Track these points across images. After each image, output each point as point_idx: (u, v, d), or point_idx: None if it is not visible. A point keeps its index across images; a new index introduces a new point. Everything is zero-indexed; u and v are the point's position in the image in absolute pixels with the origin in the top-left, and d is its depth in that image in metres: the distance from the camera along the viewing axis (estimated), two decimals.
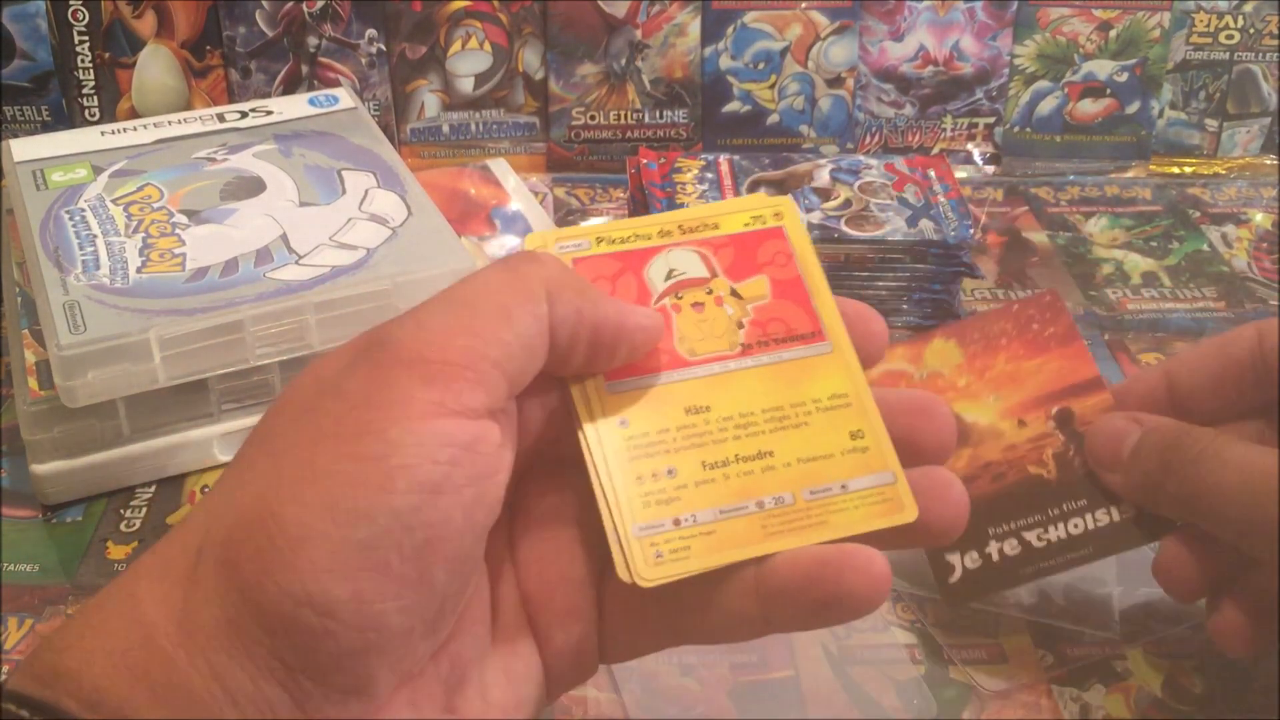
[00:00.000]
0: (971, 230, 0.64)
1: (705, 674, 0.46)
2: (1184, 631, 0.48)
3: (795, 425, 0.35)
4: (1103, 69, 0.79)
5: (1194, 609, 0.47)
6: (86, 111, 0.75)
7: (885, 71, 0.79)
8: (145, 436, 0.54)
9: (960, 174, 0.79)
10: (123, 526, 0.53)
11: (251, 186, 0.60)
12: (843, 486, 0.34)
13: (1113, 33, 0.78)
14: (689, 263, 0.36)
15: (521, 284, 0.31)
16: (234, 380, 0.54)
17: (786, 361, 0.35)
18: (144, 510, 0.54)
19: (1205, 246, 0.73)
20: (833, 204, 0.65)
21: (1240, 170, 0.81)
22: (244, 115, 0.67)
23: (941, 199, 0.66)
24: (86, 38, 0.74)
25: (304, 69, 0.76)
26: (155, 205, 0.58)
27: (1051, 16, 0.78)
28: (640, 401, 0.34)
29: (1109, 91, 0.80)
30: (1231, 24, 0.79)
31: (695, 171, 0.69)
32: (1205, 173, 0.81)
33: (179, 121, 0.66)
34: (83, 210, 0.58)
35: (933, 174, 0.68)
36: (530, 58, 0.77)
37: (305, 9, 0.75)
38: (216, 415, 0.55)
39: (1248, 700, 0.46)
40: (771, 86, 0.78)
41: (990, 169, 0.81)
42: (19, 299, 0.58)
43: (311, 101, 0.68)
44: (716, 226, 0.37)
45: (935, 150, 0.80)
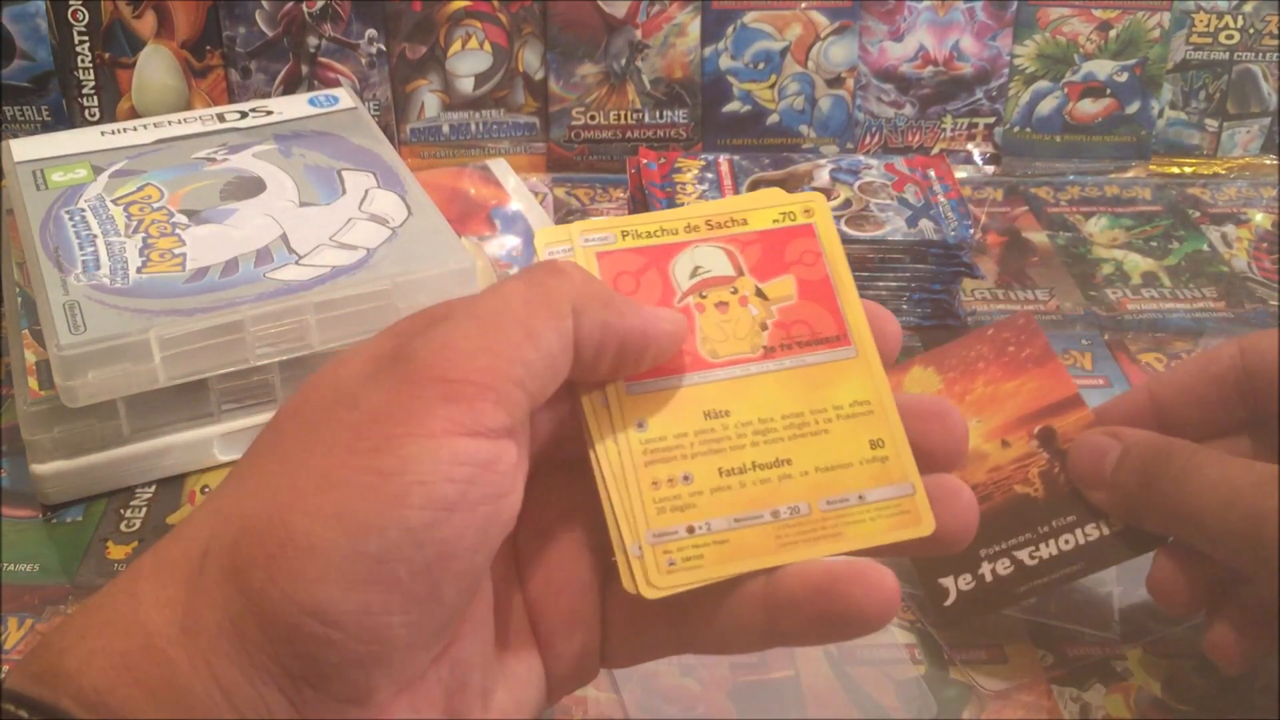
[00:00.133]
0: (971, 230, 0.64)
1: (705, 674, 0.46)
2: (1184, 631, 0.48)
3: (815, 433, 0.34)
4: (1103, 69, 0.79)
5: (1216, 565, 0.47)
6: (86, 111, 0.75)
7: (885, 71, 0.79)
8: (145, 436, 0.54)
9: (960, 174, 0.79)
10: (123, 526, 0.53)
11: (251, 186, 0.60)
12: (860, 497, 0.34)
13: (1113, 33, 0.78)
14: (715, 260, 0.36)
15: (546, 300, 0.30)
16: (234, 380, 0.54)
17: (809, 366, 0.35)
18: (144, 510, 0.54)
19: (1205, 246, 0.73)
20: (833, 204, 0.65)
21: (1240, 170, 0.81)
22: (244, 115, 0.67)
23: (941, 199, 0.66)
24: (86, 38, 0.74)
25: (304, 69, 0.76)
26: (155, 205, 0.58)
27: (1051, 16, 0.78)
28: (659, 404, 0.34)
29: (1109, 91, 0.80)
30: (1231, 24, 0.79)
31: (695, 171, 0.69)
32: (1205, 173, 0.81)
33: (179, 121, 0.66)
34: (83, 210, 0.58)
35: (933, 174, 0.68)
36: (530, 58, 0.77)
37: (305, 9, 0.75)
38: (216, 415, 0.55)
39: (1248, 700, 0.46)
40: (771, 86, 0.78)
41: (990, 169, 0.81)
42: (19, 299, 0.58)
43: (311, 101, 0.68)
44: (745, 222, 0.36)
45: (935, 150, 0.80)
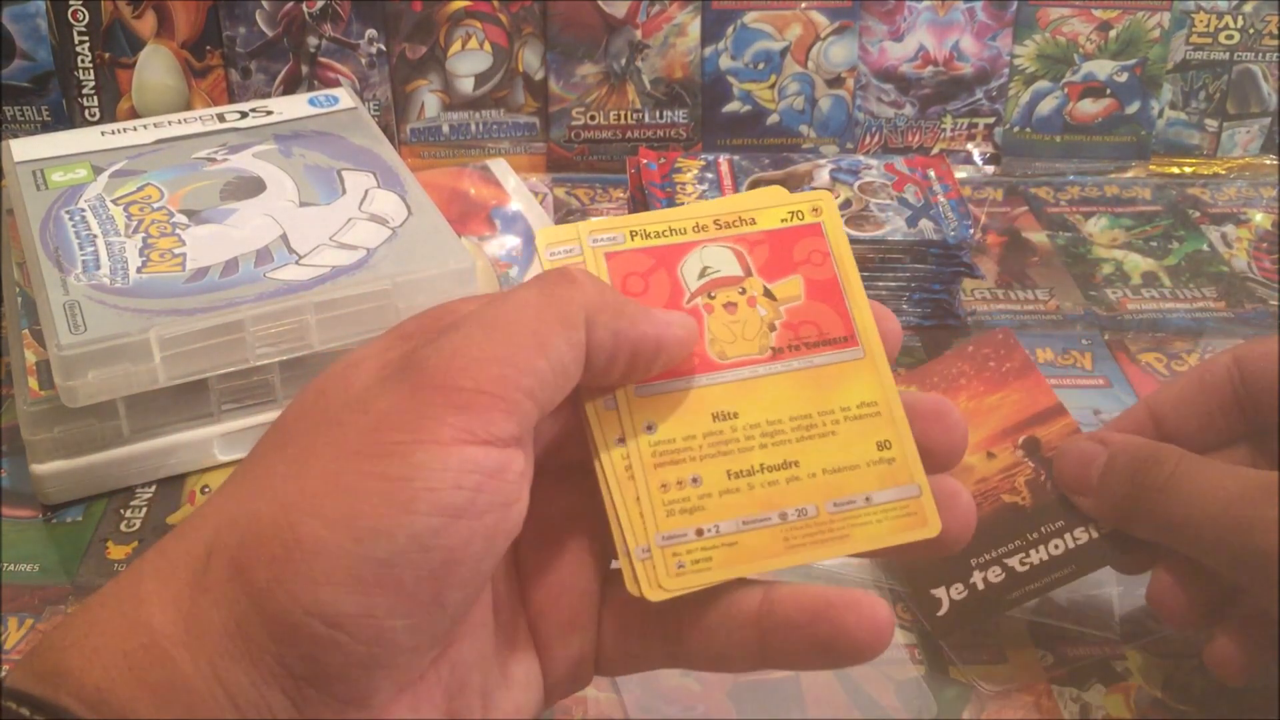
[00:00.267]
0: (971, 230, 0.64)
1: (705, 674, 0.46)
2: (1184, 631, 0.48)
3: (822, 434, 0.34)
4: (1103, 69, 0.79)
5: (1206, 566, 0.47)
6: (86, 111, 0.75)
7: (885, 71, 0.79)
8: (145, 436, 0.54)
9: (960, 174, 0.79)
10: (123, 526, 0.53)
11: (251, 186, 0.60)
12: (867, 499, 0.34)
13: (1113, 33, 0.78)
14: (723, 260, 0.36)
15: (559, 309, 0.31)
16: (234, 380, 0.54)
17: (817, 367, 0.35)
18: (144, 510, 0.54)
19: (1205, 246, 0.73)
20: None
21: (1240, 170, 0.81)
22: (244, 115, 0.67)
23: (941, 199, 0.66)
24: (86, 38, 0.74)
25: (304, 69, 0.76)
26: (155, 205, 0.58)
27: (1051, 16, 0.78)
28: (668, 406, 0.34)
29: (1109, 91, 0.80)
30: (1231, 24, 0.79)
31: (695, 171, 0.69)
32: (1205, 173, 0.81)
33: (179, 121, 0.66)
34: (83, 210, 0.58)
35: (933, 174, 0.68)
36: (530, 58, 0.77)
37: (305, 9, 0.75)
38: (216, 415, 0.55)
39: (1248, 700, 0.45)
40: (771, 86, 0.78)
41: (990, 169, 0.81)
42: (19, 299, 0.57)
43: (311, 101, 0.68)
44: (753, 222, 0.36)
45: (935, 150, 0.80)
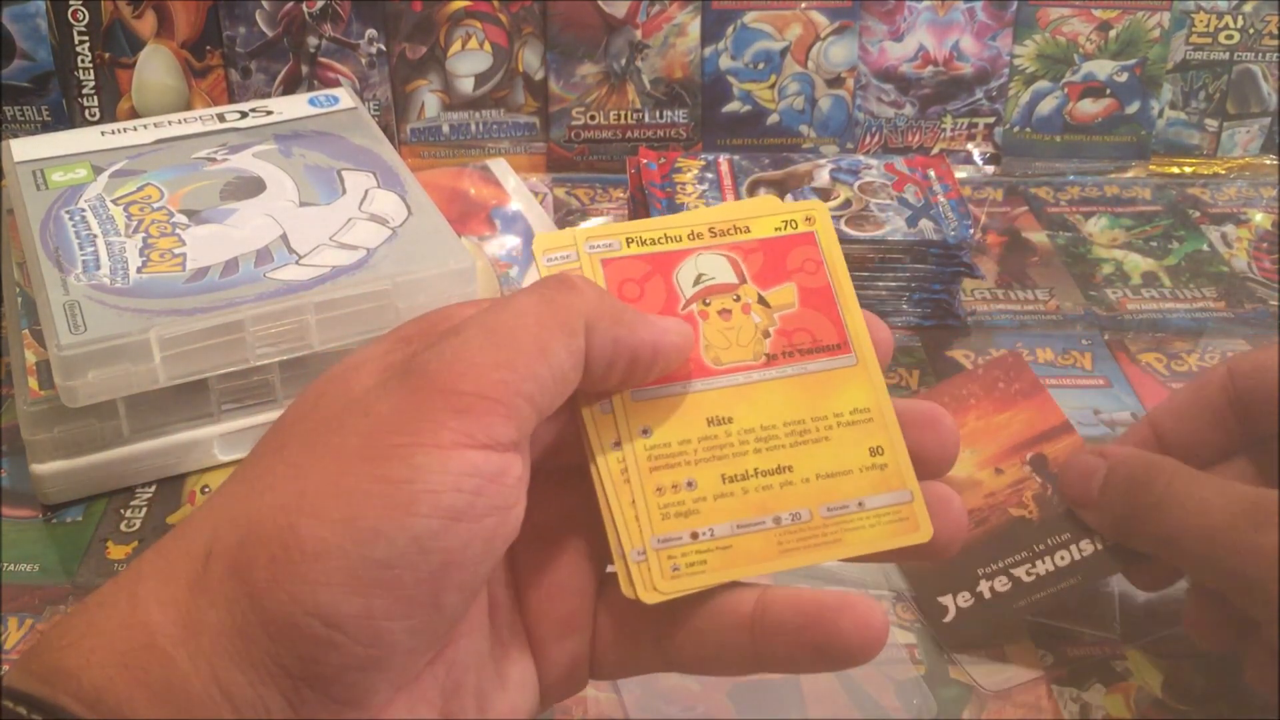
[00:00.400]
0: (971, 230, 0.64)
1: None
2: (1184, 631, 0.48)
3: (815, 440, 0.35)
4: (1103, 69, 0.79)
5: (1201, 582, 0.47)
6: (86, 111, 0.75)
7: (885, 71, 0.79)
8: (145, 436, 0.54)
9: (960, 174, 0.79)
10: (123, 526, 0.53)
11: (251, 186, 0.60)
12: (860, 504, 0.34)
13: (1112, 33, 0.78)
14: (718, 268, 0.36)
15: (559, 316, 0.31)
16: (234, 380, 0.54)
17: (810, 374, 0.35)
18: (144, 510, 0.54)
19: (1205, 246, 0.73)
20: (833, 204, 0.65)
21: (1240, 170, 0.81)
22: (244, 115, 0.67)
23: (941, 199, 0.66)
24: (86, 38, 0.74)
25: (304, 69, 0.76)
26: (155, 205, 0.58)
27: (1051, 16, 0.78)
28: (664, 410, 0.34)
29: (1109, 91, 0.80)
30: (1231, 24, 0.79)
31: (695, 171, 0.69)
32: (1205, 173, 0.81)
33: (179, 121, 0.66)
34: (83, 210, 0.58)
35: (933, 174, 0.68)
36: (530, 58, 0.77)
37: (305, 9, 0.75)
38: (216, 415, 0.55)
39: (1248, 700, 0.45)
40: (771, 86, 0.78)
41: (990, 169, 0.81)
42: (19, 299, 0.57)
43: (311, 101, 0.68)
44: (748, 230, 0.37)
45: (935, 150, 0.80)
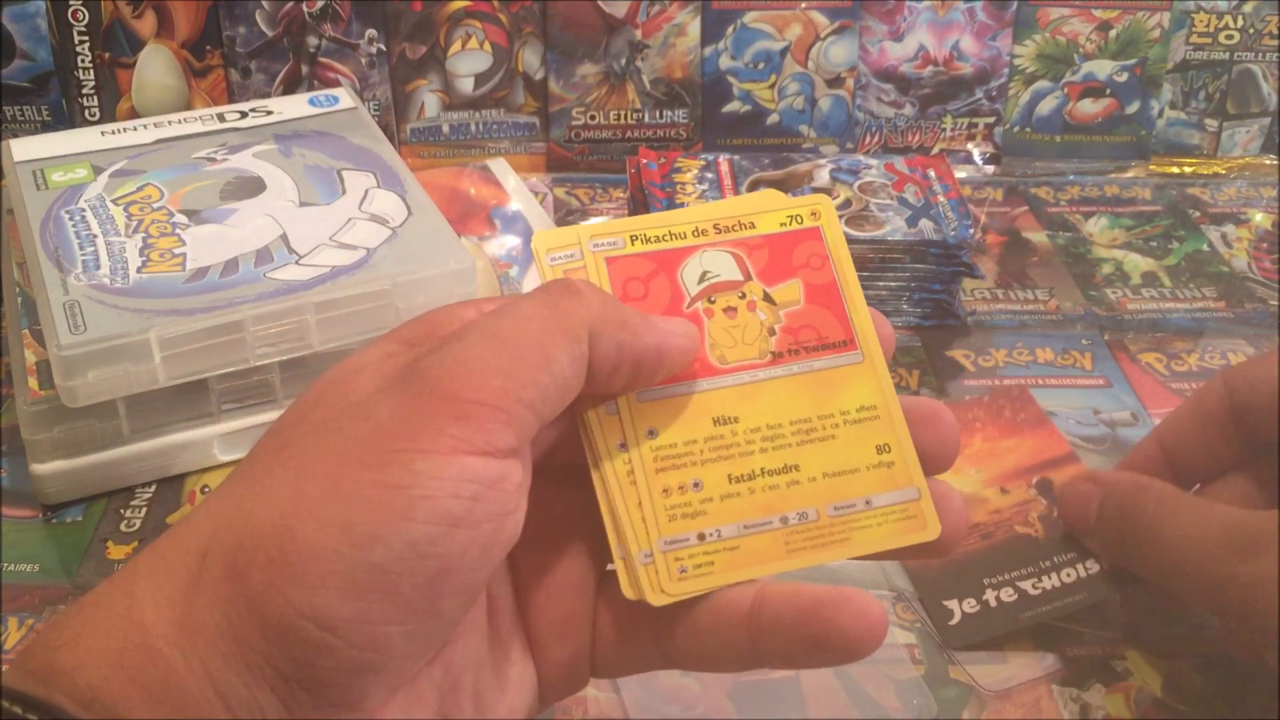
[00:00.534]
0: (971, 230, 0.64)
1: (705, 674, 0.46)
2: (1184, 631, 0.48)
3: (822, 438, 0.34)
4: (1103, 69, 0.79)
5: (1195, 610, 0.48)
6: (86, 111, 0.75)
7: (885, 71, 0.79)
8: (145, 436, 0.54)
9: (960, 174, 0.79)
10: (123, 526, 0.53)
11: (251, 186, 0.60)
12: (867, 502, 0.34)
13: (1112, 33, 0.78)
14: (723, 265, 0.36)
15: (562, 323, 0.31)
16: (234, 380, 0.54)
17: (817, 371, 0.35)
18: (144, 510, 0.54)
19: (1205, 246, 0.73)
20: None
21: (1240, 170, 0.81)
22: (244, 115, 0.67)
23: (941, 199, 0.66)
24: (86, 38, 0.74)
25: (304, 69, 0.76)
26: (155, 205, 0.58)
27: (1051, 16, 0.78)
28: (669, 411, 0.34)
29: (1109, 91, 0.80)
30: (1231, 24, 0.79)
31: (695, 171, 0.69)
32: (1205, 173, 0.81)
33: (179, 121, 0.66)
34: (83, 210, 0.58)
35: (933, 174, 0.68)
36: (530, 58, 0.77)
37: (305, 9, 0.75)
38: (216, 415, 0.55)
39: (1248, 700, 0.45)
40: (771, 86, 0.78)
41: (990, 169, 0.81)
42: (19, 299, 0.57)
43: (311, 101, 0.68)
44: (753, 226, 0.36)
45: (935, 150, 0.80)
